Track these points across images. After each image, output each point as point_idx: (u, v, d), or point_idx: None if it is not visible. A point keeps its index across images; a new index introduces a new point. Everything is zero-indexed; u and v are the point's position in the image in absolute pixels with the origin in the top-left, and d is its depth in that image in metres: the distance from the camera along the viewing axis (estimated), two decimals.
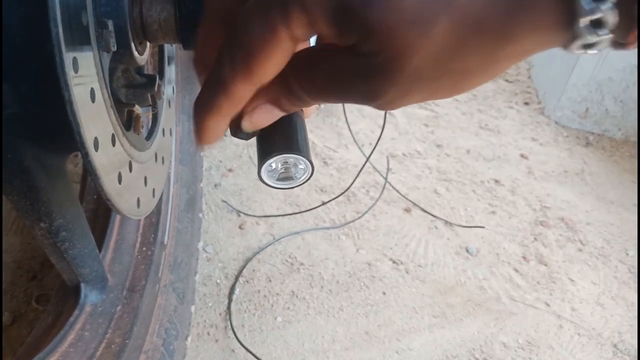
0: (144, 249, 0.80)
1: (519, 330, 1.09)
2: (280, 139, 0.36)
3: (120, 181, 0.45)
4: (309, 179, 0.38)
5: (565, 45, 0.28)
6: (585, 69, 1.71)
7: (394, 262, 1.19)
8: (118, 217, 0.80)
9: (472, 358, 1.03)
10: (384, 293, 1.12)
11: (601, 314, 1.15)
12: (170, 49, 0.75)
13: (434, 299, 1.13)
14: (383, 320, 1.07)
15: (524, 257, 1.25)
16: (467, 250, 1.25)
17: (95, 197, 0.84)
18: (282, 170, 0.37)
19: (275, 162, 0.36)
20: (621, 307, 1.17)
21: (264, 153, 0.36)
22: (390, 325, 1.06)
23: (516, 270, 1.22)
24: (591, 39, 0.27)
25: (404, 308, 1.10)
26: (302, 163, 0.36)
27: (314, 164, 0.37)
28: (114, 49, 0.44)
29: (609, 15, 0.26)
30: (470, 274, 1.19)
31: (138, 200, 0.52)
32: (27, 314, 0.93)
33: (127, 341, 0.65)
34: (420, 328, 1.07)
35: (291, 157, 0.36)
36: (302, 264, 1.16)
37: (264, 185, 0.38)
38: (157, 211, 0.86)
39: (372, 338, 1.04)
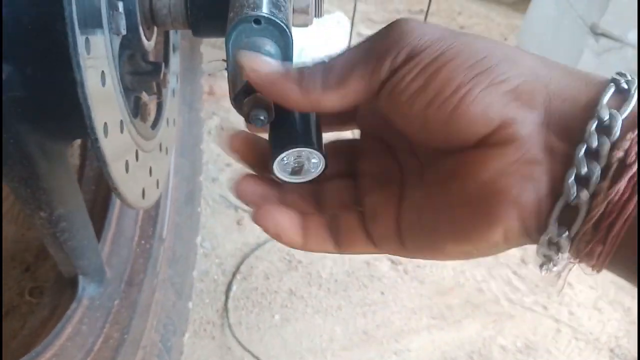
0: (143, 242, 0.78)
1: (518, 333, 1.08)
2: (294, 133, 0.35)
3: (127, 170, 0.44)
4: (322, 173, 0.36)
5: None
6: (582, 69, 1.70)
7: (392, 262, 1.18)
8: (116, 209, 0.78)
9: None
10: (383, 293, 1.11)
11: (598, 319, 1.15)
12: (175, 37, 0.73)
13: (432, 300, 1.12)
14: (381, 320, 1.06)
15: (523, 260, 1.25)
16: None
17: (93, 187, 0.82)
18: (295, 164, 0.36)
19: (288, 156, 0.35)
20: (618, 312, 1.17)
21: (277, 146, 0.35)
22: (389, 326, 1.05)
23: (515, 273, 1.21)
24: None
25: (402, 308, 1.09)
26: (316, 157, 0.35)
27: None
28: (124, 32, 0.42)
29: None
30: (469, 275, 1.18)
31: (143, 190, 0.50)
32: (20, 306, 0.91)
33: (125, 336, 0.63)
34: (418, 329, 1.06)
35: (304, 151, 0.35)
36: (300, 261, 1.14)
37: (275, 179, 0.37)
38: (157, 204, 0.84)
39: (371, 338, 1.03)
